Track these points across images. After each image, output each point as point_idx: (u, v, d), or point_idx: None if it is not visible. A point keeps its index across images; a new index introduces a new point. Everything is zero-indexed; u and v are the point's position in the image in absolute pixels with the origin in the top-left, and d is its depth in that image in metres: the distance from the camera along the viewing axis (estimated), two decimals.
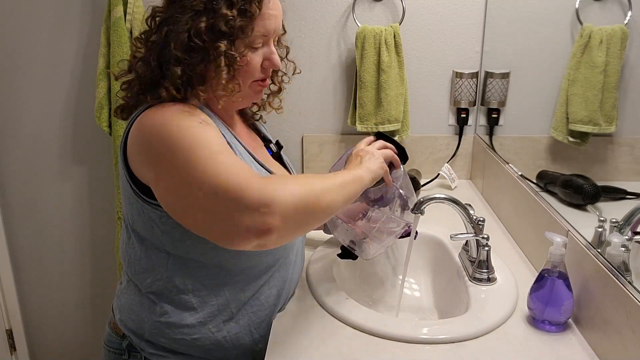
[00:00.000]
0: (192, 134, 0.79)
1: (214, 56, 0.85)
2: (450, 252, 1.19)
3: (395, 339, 0.90)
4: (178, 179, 0.78)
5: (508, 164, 1.36)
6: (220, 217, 0.75)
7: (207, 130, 0.82)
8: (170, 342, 0.93)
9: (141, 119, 0.85)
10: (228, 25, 0.84)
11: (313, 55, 1.62)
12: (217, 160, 0.76)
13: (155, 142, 0.81)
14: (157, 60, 0.86)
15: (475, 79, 1.60)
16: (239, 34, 0.86)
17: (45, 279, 1.88)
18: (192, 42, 0.84)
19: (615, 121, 0.96)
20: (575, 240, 0.94)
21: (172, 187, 0.80)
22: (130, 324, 0.96)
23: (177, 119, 0.82)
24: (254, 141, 1.07)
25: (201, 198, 0.76)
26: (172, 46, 0.84)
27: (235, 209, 0.73)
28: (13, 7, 1.60)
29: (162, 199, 0.83)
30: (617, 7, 0.96)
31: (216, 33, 0.85)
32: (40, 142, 1.73)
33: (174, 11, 0.86)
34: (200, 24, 0.84)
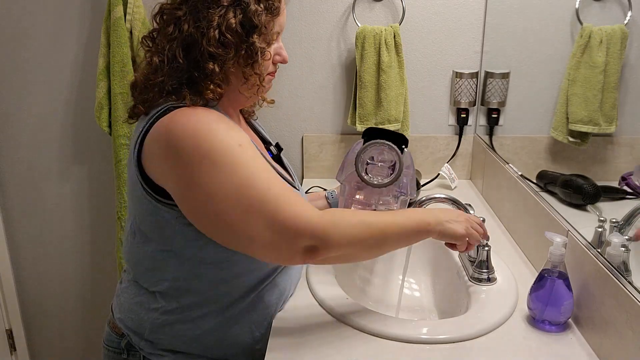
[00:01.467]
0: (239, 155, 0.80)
1: (247, 51, 0.86)
2: (450, 252, 1.19)
3: (395, 339, 0.90)
4: (221, 190, 0.79)
5: (508, 164, 1.36)
6: (271, 245, 0.80)
7: (253, 150, 0.82)
8: (170, 341, 0.93)
9: (172, 121, 0.82)
10: (258, 20, 0.85)
11: (313, 55, 1.62)
12: (273, 190, 0.79)
13: (193, 147, 0.79)
14: (184, 58, 0.85)
15: (475, 79, 1.60)
16: (263, 30, 0.87)
17: (45, 279, 1.88)
18: (224, 37, 0.84)
19: (615, 121, 0.96)
20: (575, 240, 0.94)
21: (208, 202, 0.80)
22: (129, 323, 0.96)
23: (219, 128, 0.81)
24: (258, 143, 1.07)
25: (252, 224, 0.79)
26: (203, 43, 0.83)
27: (290, 240, 0.79)
28: (13, 7, 1.60)
29: (189, 207, 0.83)
30: (617, 7, 0.96)
31: (248, 28, 0.85)
32: (40, 142, 1.73)
33: (196, 7, 0.84)
34: (230, 19, 0.84)
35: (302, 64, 1.63)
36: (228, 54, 0.85)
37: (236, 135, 0.82)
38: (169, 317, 0.92)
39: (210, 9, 0.83)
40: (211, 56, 0.84)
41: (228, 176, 0.78)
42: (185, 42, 0.85)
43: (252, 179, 0.79)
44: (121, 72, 1.52)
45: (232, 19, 0.84)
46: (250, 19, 0.85)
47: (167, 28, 0.87)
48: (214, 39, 0.83)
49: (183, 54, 0.85)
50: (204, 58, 0.84)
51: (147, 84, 0.88)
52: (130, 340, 0.96)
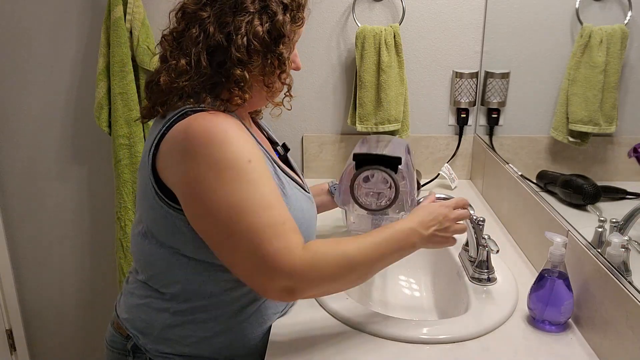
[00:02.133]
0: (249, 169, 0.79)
1: (275, 59, 0.86)
2: (450, 252, 1.19)
3: (395, 339, 0.90)
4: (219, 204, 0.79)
5: (508, 164, 1.36)
6: (249, 275, 0.81)
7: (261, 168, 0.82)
8: (179, 342, 0.93)
9: (190, 125, 0.82)
10: (284, 30, 0.86)
11: (313, 55, 1.62)
12: (263, 219, 0.78)
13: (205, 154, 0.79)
14: (208, 63, 0.85)
15: (475, 79, 1.60)
16: (287, 40, 0.87)
17: (45, 279, 1.88)
18: (252, 44, 0.84)
19: (615, 121, 0.96)
20: (575, 240, 0.94)
21: (203, 213, 0.81)
22: (138, 324, 0.95)
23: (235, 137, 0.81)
24: (267, 144, 1.06)
25: (235, 249, 0.80)
26: (232, 49, 0.83)
27: (267, 277, 0.79)
28: (13, 7, 1.60)
29: (187, 214, 0.83)
30: (617, 7, 0.96)
31: (275, 37, 0.85)
32: (40, 142, 1.73)
33: (222, 11, 0.84)
34: (257, 27, 0.83)
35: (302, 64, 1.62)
36: (256, 61, 0.85)
37: (248, 150, 0.82)
38: (180, 318, 0.92)
39: (237, 15, 0.83)
40: (240, 62, 0.84)
41: (227, 193, 0.78)
42: (210, 46, 0.84)
43: (248, 202, 0.78)
44: (121, 72, 1.52)
45: (258, 26, 0.84)
46: (279, 29, 0.85)
47: (192, 29, 0.85)
48: (243, 46, 0.83)
49: (207, 58, 0.85)
50: (232, 64, 0.84)
51: (172, 87, 0.87)
52: (136, 342, 0.95)
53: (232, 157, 0.79)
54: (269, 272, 0.78)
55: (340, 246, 0.84)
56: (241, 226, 0.78)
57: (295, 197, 0.93)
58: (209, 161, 0.79)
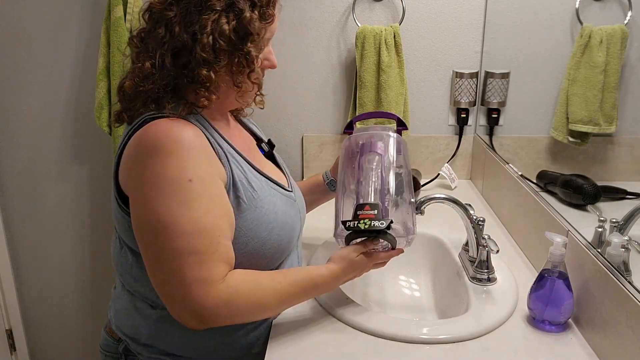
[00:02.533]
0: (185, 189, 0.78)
1: (242, 59, 0.84)
2: (450, 252, 1.19)
3: (395, 339, 0.90)
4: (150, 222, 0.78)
5: (508, 164, 1.36)
6: (164, 295, 0.81)
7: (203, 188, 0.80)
8: (167, 345, 0.93)
9: (143, 133, 0.81)
10: (253, 28, 0.83)
11: (313, 55, 1.62)
12: (190, 245, 0.77)
13: (148, 160, 0.79)
14: (172, 64, 0.83)
15: (475, 79, 1.60)
16: (256, 37, 0.85)
17: (45, 279, 1.88)
18: (218, 43, 0.81)
19: (615, 121, 0.96)
20: (576, 240, 0.94)
21: (142, 224, 0.80)
22: (126, 329, 0.95)
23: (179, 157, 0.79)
24: (248, 141, 1.05)
25: (156, 267, 0.80)
26: (197, 48, 0.81)
27: (177, 305, 0.79)
28: (13, 7, 1.60)
29: (133, 227, 0.83)
30: (617, 7, 0.96)
31: (242, 36, 0.83)
32: (40, 142, 1.73)
33: (187, 10, 0.82)
34: (223, 25, 0.81)
35: (302, 64, 1.63)
36: (222, 60, 0.83)
37: (193, 168, 0.79)
38: (165, 322, 0.91)
39: (203, 14, 0.81)
40: (205, 62, 0.82)
41: (160, 210, 0.77)
42: (175, 46, 0.82)
43: (178, 225, 0.77)
44: (121, 72, 1.52)
45: (225, 25, 0.81)
46: (245, 26, 0.83)
47: (158, 29, 0.83)
48: (208, 45, 0.81)
49: (172, 59, 0.83)
50: (196, 64, 0.82)
51: (137, 91, 0.86)
52: (127, 345, 0.95)
53: (173, 173, 0.78)
54: (182, 299, 0.78)
55: (259, 290, 0.84)
56: (167, 246, 0.78)
57: (270, 198, 0.92)
58: (151, 172, 0.78)
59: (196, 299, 0.78)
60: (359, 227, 0.88)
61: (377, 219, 0.88)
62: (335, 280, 0.91)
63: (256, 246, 0.89)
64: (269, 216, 0.90)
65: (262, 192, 0.90)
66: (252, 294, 0.83)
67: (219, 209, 0.82)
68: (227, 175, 0.86)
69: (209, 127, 0.88)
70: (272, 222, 0.90)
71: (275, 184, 0.97)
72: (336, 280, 0.91)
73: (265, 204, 0.90)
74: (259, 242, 0.89)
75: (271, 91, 1.66)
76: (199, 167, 0.80)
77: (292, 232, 0.97)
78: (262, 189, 0.91)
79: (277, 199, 0.94)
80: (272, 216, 0.91)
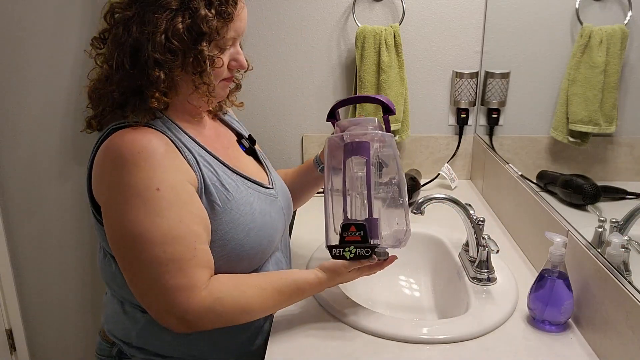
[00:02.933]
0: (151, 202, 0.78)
1: (194, 59, 0.82)
2: (450, 252, 1.19)
3: (395, 339, 0.90)
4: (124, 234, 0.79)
5: (508, 164, 1.36)
6: (147, 302, 0.81)
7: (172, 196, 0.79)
8: (159, 347, 0.92)
9: (107, 147, 0.81)
10: (208, 26, 0.81)
11: (313, 55, 1.62)
12: (167, 253, 0.78)
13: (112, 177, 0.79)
14: (130, 64, 0.81)
15: (475, 79, 1.60)
16: (215, 36, 0.83)
17: (45, 279, 1.88)
18: (170, 42, 0.80)
19: (615, 121, 0.96)
20: (576, 241, 0.94)
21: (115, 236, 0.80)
22: (117, 333, 0.95)
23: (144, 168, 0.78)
24: (225, 140, 1.03)
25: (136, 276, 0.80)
26: (149, 48, 0.79)
27: (162, 311, 0.80)
28: (13, 7, 1.60)
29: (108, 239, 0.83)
30: (617, 7, 0.96)
31: (195, 34, 0.81)
32: (40, 142, 1.73)
33: (144, 8, 0.81)
34: (177, 24, 0.80)
35: (302, 64, 1.63)
36: (175, 60, 0.81)
37: (159, 177, 0.79)
38: (155, 325, 0.89)
39: (157, 13, 0.80)
40: (157, 63, 0.80)
41: (132, 221, 0.77)
42: (132, 46, 0.81)
43: (152, 234, 0.77)
44: None
45: (179, 24, 0.80)
46: (199, 25, 0.81)
47: (117, 30, 0.83)
48: (160, 45, 0.79)
49: (130, 60, 0.81)
50: (149, 64, 0.80)
51: (99, 94, 0.85)
52: (121, 348, 0.95)
53: (139, 183, 0.77)
54: (166, 306, 0.79)
55: (242, 297, 0.84)
56: (144, 256, 0.78)
57: (247, 198, 0.91)
58: (117, 185, 0.78)
59: (180, 306, 0.78)
60: (345, 256, 0.89)
61: (362, 243, 0.88)
62: (321, 287, 0.92)
63: (234, 248, 0.88)
64: (245, 217, 0.89)
65: (237, 193, 0.89)
66: (236, 301, 0.83)
67: (191, 214, 0.81)
68: (198, 179, 0.85)
69: (177, 130, 0.87)
70: (249, 223, 0.90)
71: (253, 182, 0.95)
72: (322, 287, 0.92)
73: (241, 205, 0.89)
74: (236, 244, 0.88)
75: (271, 91, 1.67)
76: (166, 175, 0.80)
77: (272, 232, 0.96)
78: (237, 190, 0.90)
79: (254, 198, 0.93)
80: (249, 217, 0.90)
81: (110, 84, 0.83)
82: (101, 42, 0.87)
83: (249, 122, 1.67)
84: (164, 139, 0.83)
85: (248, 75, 1.64)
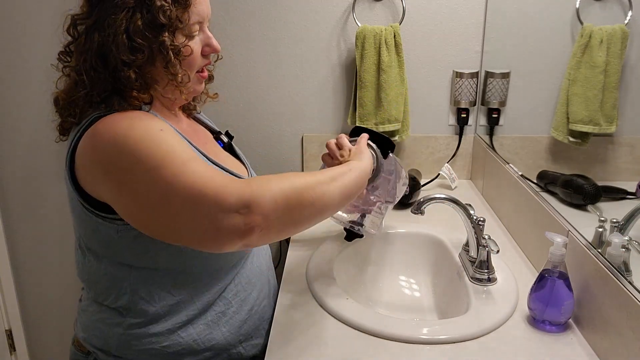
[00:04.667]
0: (159, 144, 0.77)
1: (159, 52, 0.82)
2: (450, 252, 1.19)
3: (395, 339, 0.90)
4: (149, 191, 0.75)
5: (508, 164, 1.36)
6: (202, 223, 0.73)
7: (172, 137, 0.79)
8: (139, 354, 0.91)
9: (95, 132, 0.79)
10: (166, 17, 0.80)
11: (313, 55, 1.62)
12: (190, 169, 0.75)
13: (116, 155, 0.77)
14: (104, 68, 0.81)
15: (475, 78, 1.60)
16: (177, 24, 0.82)
17: (45, 279, 1.88)
18: (133, 41, 0.80)
19: (616, 121, 0.96)
20: (576, 241, 0.94)
21: (142, 200, 0.77)
22: (95, 342, 0.93)
23: (137, 128, 0.78)
24: (203, 136, 1.03)
25: (178, 207, 0.74)
26: (114, 50, 0.79)
27: (215, 213, 0.72)
28: (13, 7, 1.60)
29: (128, 213, 0.80)
30: (617, 7, 0.96)
31: (156, 27, 0.80)
32: (40, 142, 1.73)
33: (102, 13, 0.80)
34: (137, 21, 0.79)
35: (302, 64, 1.63)
36: (142, 58, 0.81)
37: (157, 124, 0.80)
38: (135, 330, 0.89)
39: (115, 14, 0.79)
40: (125, 63, 0.80)
41: (150, 173, 0.75)
42: (99, 51, 0.81)
43: (173, 154, 0.76)
44: None
45: (138, 20, 0.79)
46: (155, 17, 0.80)
47: (80, 39, 0.83)
48: (124, 45, 0.79)
49: (101, 64, 0.81)
50: (118, 67, 0.80)
51: (71, 99, 0.85)
52: (97, 358, 0.93)
53: (141, 132, 0.77)
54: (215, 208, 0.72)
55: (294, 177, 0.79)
56: (168, 178, 0.73)
57: None
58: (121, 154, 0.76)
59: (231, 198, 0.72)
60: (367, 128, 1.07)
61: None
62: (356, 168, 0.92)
63: None
64: None
65: None
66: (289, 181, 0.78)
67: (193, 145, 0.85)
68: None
69: (162, 119, 0.87)
70: None
71: (236, 176, 0.95)
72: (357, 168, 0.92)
73: None
74: None
75: (271, 91, 1.66)
76: (162, 124, 0.82)
77: None
78: None
79: None
80: None
81: (82, 88, 0.83)
82: (67, 55, 0.87)
83: (249, 122, 1.67)
84: (155, 117, 0.84)
85: (248, 75, 1.65)
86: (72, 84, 0.85)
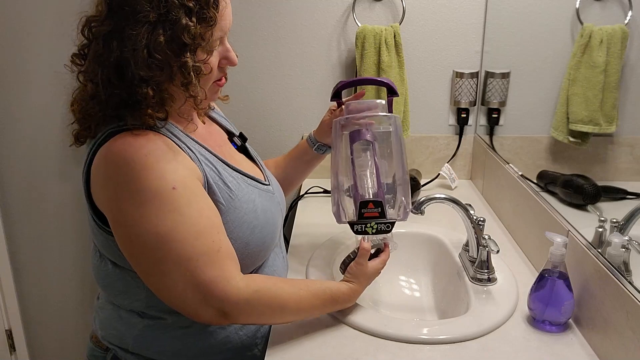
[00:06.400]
0: (169, 210, 0.76)
1: (179, 71, 0.79)
2: (450, 252, 1.19)
3: (395, 339, 0.90)
4: (146, 237, 0.77)
5: (508, 164, 1.36)
6: (183, 298, 0.79)
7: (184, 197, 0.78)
8: (156, 352, 0.92)
9: (108, 150, 0.78)
10: (190, 36, 0.77)
11: (313, 55, 1.62)
12: (196, 248, 0.77)
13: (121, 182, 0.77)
14: (119, 81, 0.78)
15: (475, 78, 1.60)
16: (200, 42, 0.79)
17: (45, 279, 1.88)
18: (153, 58, 0.76)
19: (616, 121, 0.96)
20: (576, 241, 0.94)
21: (136, 249, 0.79)
22: (112, 339, 0.94)
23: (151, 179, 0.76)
24: (218, 137, 1.01)
25: (175, 279, 0.78)
26: (132, 65, 0.76)
27: (197, 302, 0.79)
28: (13, 7, 1.60)
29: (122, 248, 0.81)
30: (617, 7, 0.96)
31: (178, 45, 0.77)
32: (41, 143, 1.73)
33: (122, 23, 0.77)
34: (159, 38, 0.76)
35: (303, 64, 1.63)
36: (161, 76, 0.78)
37: (171, 176, 0.77)
38: (152, 331, 0.90)
39: (135, 28, 0.75)
40: (143, 80, 0.77)
41: (153, 224, 0.76)
42: (115, 64, 0.78)
43: (177, 231, 0.76)
44: None
45: (160, 37, 0.76)
46: (180, 36, 0.76)
47: (97, 46, 0.79)
48: (143, 61, 0.76)
49: (117, 77, 0.78)
50: (135, 82, 0.77)
51: (87, 113, 0.83)
52: (116, 354, 0.94)
53: (154, 185, 0.76)
54: (203, 299, 0.78)
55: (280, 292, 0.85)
56: (172, 256, 0.77)
57: (249, 195, 0.91)
58: (130, 191, 0.76)
59: (217, 297, 0.78)
60: (367, 231, 0.94)
61: (381, 219, 0.94)
62: (354, 295, 0.94)
63: (239, 247, 0.87)
64: (249, 215, 0.89)
65: (239, 191, 0.89)
66: (273, 295, 0.84)
67: (208, 207, 0.82)
68: (203, 176, 0.84)
69: (175, 129, 0.86)
70: (253, 220, 0.89)
71: (252, 179, 0.95)
72: (355, 295, 0.94)
73: (244, 203, 0.89)
74: (242, 242, 0.88)
75: (271, 91, 1.66)
76: (177, 174, 0.79)
77: (274, 228, 0.96)
78: (239, 188, 0.89)
79: (255, 195, 0.92)
80: (253, 215, 0.90)
81: (99, 102, 0.81)
82: (81, 58, 0.84)
83: (249, 122, 1.67)
84: (167, 140, 0.82)
85: (248, 75, 1.65)
86: (88, 95, 0.83)
